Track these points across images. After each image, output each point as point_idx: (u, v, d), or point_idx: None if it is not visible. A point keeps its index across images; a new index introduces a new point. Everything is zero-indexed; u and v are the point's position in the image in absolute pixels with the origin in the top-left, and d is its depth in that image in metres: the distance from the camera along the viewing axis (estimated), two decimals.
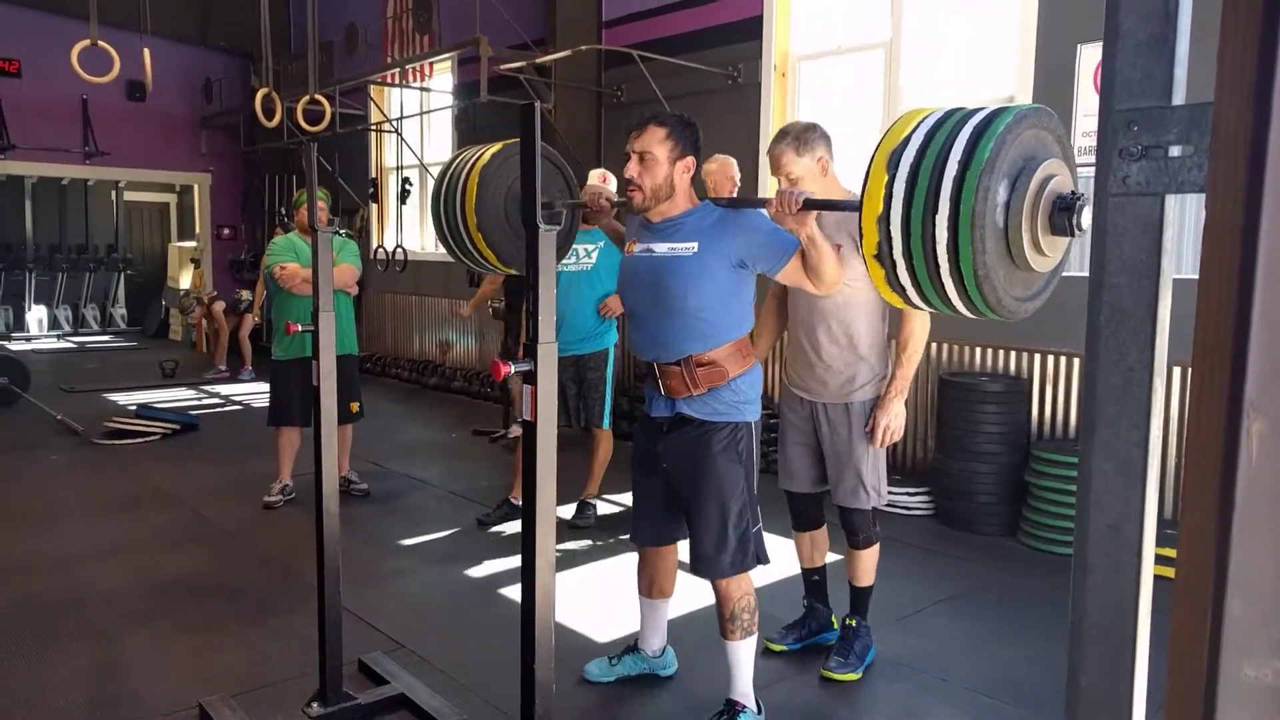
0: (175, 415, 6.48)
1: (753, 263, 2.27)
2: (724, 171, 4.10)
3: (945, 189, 1.31)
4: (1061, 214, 1.31)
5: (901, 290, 1.44)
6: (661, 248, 2.31)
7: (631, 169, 2.26)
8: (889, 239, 1.38)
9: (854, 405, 2.72)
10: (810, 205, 1.98)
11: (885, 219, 1.38)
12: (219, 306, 8.72)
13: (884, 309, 2.71)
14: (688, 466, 2.38)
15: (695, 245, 2.27)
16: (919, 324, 2.63)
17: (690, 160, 2.29)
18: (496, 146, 2.21)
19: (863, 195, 1.42)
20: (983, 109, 1.37)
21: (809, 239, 2.12)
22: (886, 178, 1.38)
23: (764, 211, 2.17)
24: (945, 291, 1.37)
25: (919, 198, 1.34)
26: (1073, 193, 1.33)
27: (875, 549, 2.85)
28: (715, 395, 2.33)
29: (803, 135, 2.57)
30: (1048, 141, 1.38)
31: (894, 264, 1.39)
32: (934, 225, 1.32)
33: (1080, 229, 1.30)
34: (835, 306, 2.65)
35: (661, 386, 2.38)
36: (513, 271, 2.30)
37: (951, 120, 1.38)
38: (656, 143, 2.24)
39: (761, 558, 2.41)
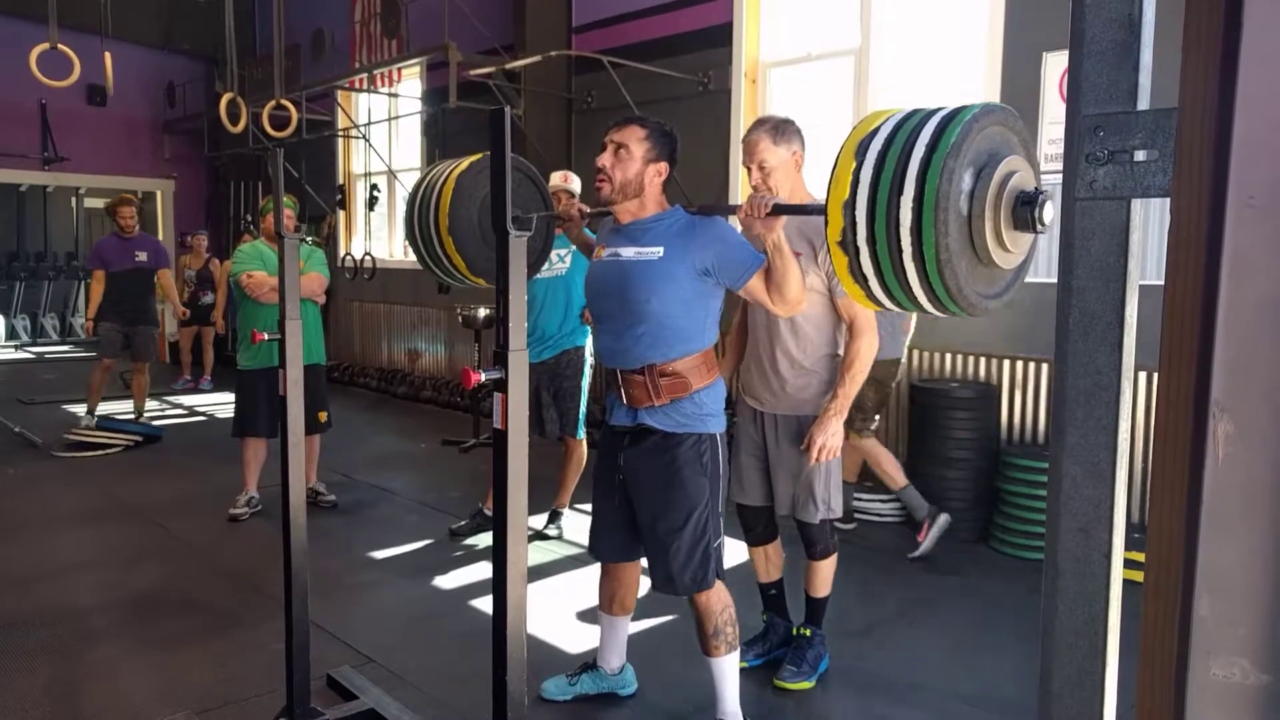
0: (138, 426, 6.35)
1: (718, 273, 2.26)
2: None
3: (911, 171, 1.33)
4: (1024, 208, 1.33)
5: (864, 280, 1.45)
6: (628, 251, 2.31)
7: (605, 159, 2.28)
8: (853, 224, 1.40)
9: (804, 418, 2.70)
10: (780, 210, 1.98)
11: (851, 204, 1.40)
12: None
13: (838, 324, 2.69)
14: (650, 479, 2.35)
15: (661, 250, 2.27)
16: (865, 344, 2.60)
17: (664, 165, 2.30)
18: (475, 156, 2.21)
19: (830, 183, 1.44)
20: (949, 105, 1.41)
21: (775, 246, 2.10)
22: (854, 164, 1.40)
23: (734, 222, 2.17)
24: (907, 278, 1.38)
25: (885, 181, 1.36)
26: (1036, 188, 1.36)
27: (833, 560, 2.83)
28: (677, 407, 2.32)
29: (781, 126, 2.58)
30: (1011, 140, 1.41)
31: (857, 250, 1.41)
32: (898, 208, 1.34)
33: (1042, 224, 1.33)
34: (792, 321, 2.64)
35: (624, 395, 2.36)
36: (482, 283, 2.29)
37: (920, 114, 1.42)
38: (634, 140, 2.26)
39: (719, 573, 2.38)
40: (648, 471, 2.35)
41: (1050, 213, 1.33)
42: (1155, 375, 3.72)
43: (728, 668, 2.40)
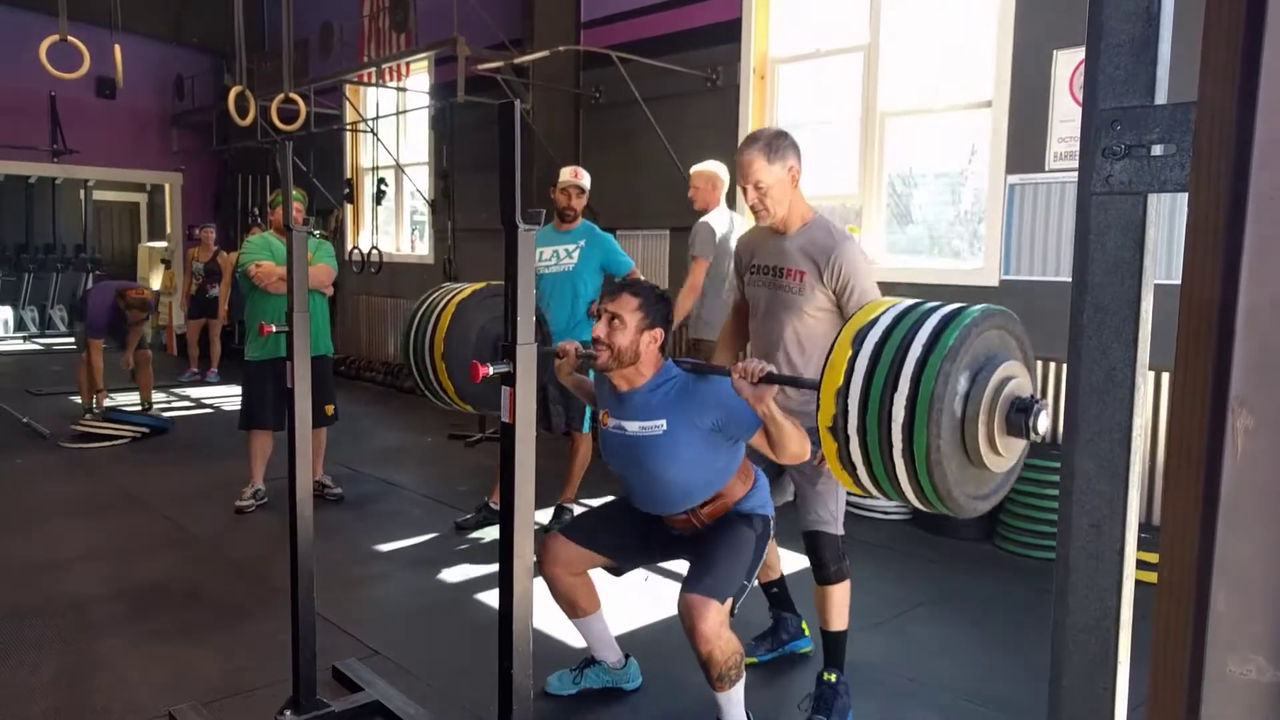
0: (146, 418, 6.37)
1: (723, 430, 2.31)
2: (710, 182, 4.29)
3: (907, 369, 1.33)
4: (1019, 415, 1.33)
5: (852, 468, 1.43)
6: (632, 426, 2.36)
7: (600, 329, 2.32)
8: (845, 413, 1.39)
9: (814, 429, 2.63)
10: (772, 379, 1.97)
11: (845, 392, 1.39)
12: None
13: None
14: (703, 534, 2.46)
15: (664, 422, 2.31)
16: None
17: (659, 332, 2.34)
18: (479, 284, 2.28)
19: (824, 368, 1.44)
20: (950, 304, 1.42)
21: (767, 415, 2.06)
22: (850, 353, 1.41)
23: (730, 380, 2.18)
24: (895, 473, 1.37)
25: (880, 374, 1.36)
26: (1031, 395, 1.35)
27: (847, 585, 2.60)
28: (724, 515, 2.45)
29: (773, 142, 2.46)
30: (1010, 344, 1.41)
31: (848, 439, 1.40)
32: (892, 403, 1.34)
33: (1036, 432, 1.33)
34: (798, 339, 2.53)
35: (670, 524, 2.48)
36: (469, 408, 2.35)
37: (919, 309, 1.42)
38: (628, 310, 2.30)
39: (734, 610, 2.36)
40: (699, 539, 2.46)
41: (1045, 422, 1.32)
42: (1165, 375, 3.67)
43: (734, 697, 2.39)
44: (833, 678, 2.61)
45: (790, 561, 3.19)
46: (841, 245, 2.45)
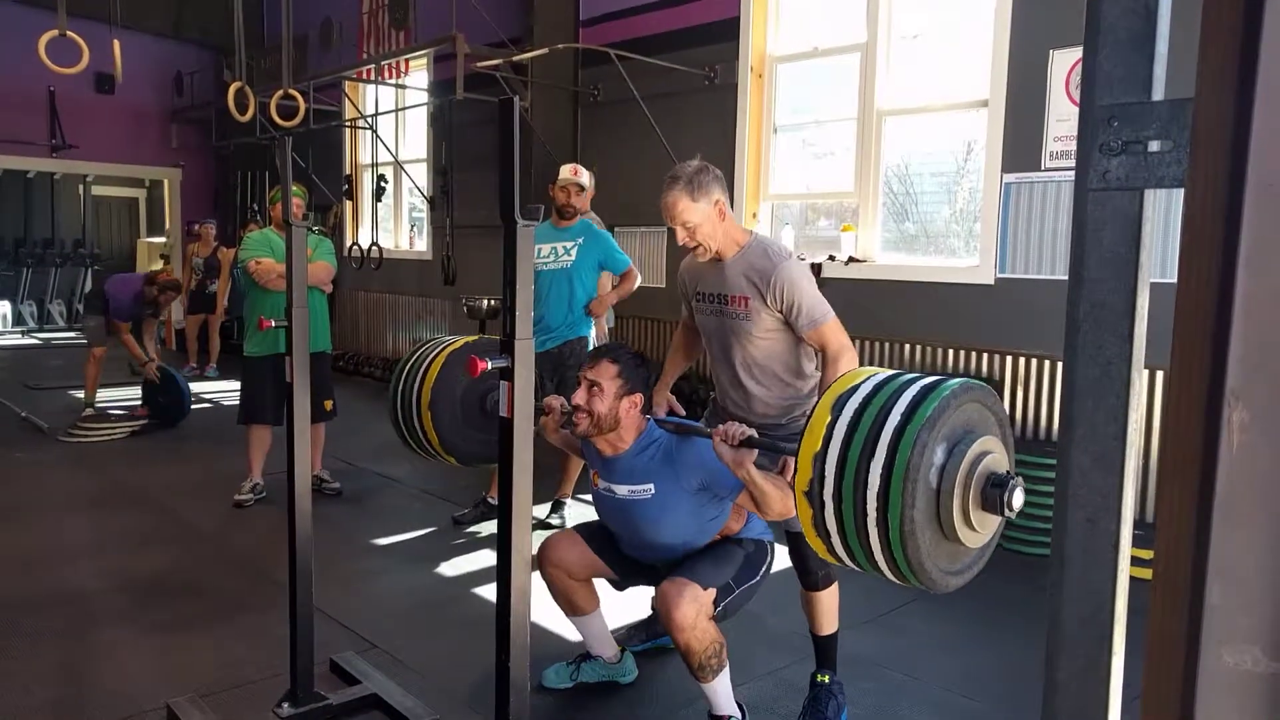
0: (184, 383, 6.33)
1: (709, 489, 2.32)
2: (592, 186, 4.31)
3: (885, 436, 1.34)
4: (994, 490, 1.33)
5: (826, 535, 1.44)
6: (621, 490, 2.40)
7: (580, 396, 2.34)
8: (822, 477, 1.40)
9: (796, 427, 2.51)
10: (752, 443, 1.97)
11: (822, 457, 1.40)
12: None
13: (805, 349, 2.48)
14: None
15: (651, 486, 2.35)
16: (844, 366, 2.40)
17: (638, 397, 2.36)
18: (471, 338, 2.32)
19: (804, 432, 1.44)
20: (929, 376, 1.43)
21: (747, 480, 2.06)
22: (830, 418, 1.42)
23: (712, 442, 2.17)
24: (869, 542, 1.38)
25: (858, 441, 1.37)
26: (1007, 472, 1.36)
27: (835, 589, 2.54)
28: None
29: (695, 179, 2.36)
30: (988, 419, 1.42)
31: (823, 504, 1.41)
32: (868, 470, 1.34)
33: (1010, 509, 1.33)
34: (755, 361, 2.47)
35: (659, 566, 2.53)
36: (452, 460, 2.37)
37: (901, 379, 1.43)
38: (606, 378, 2.32)
39: (719, 608, 2.35)
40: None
41: (1019, 500, 1.32)
42: (1159, 373, 3.67)
43: (719, 686, 2.40)
44: (826, 679, 2.57)
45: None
46: (780, 266, 2.38)
